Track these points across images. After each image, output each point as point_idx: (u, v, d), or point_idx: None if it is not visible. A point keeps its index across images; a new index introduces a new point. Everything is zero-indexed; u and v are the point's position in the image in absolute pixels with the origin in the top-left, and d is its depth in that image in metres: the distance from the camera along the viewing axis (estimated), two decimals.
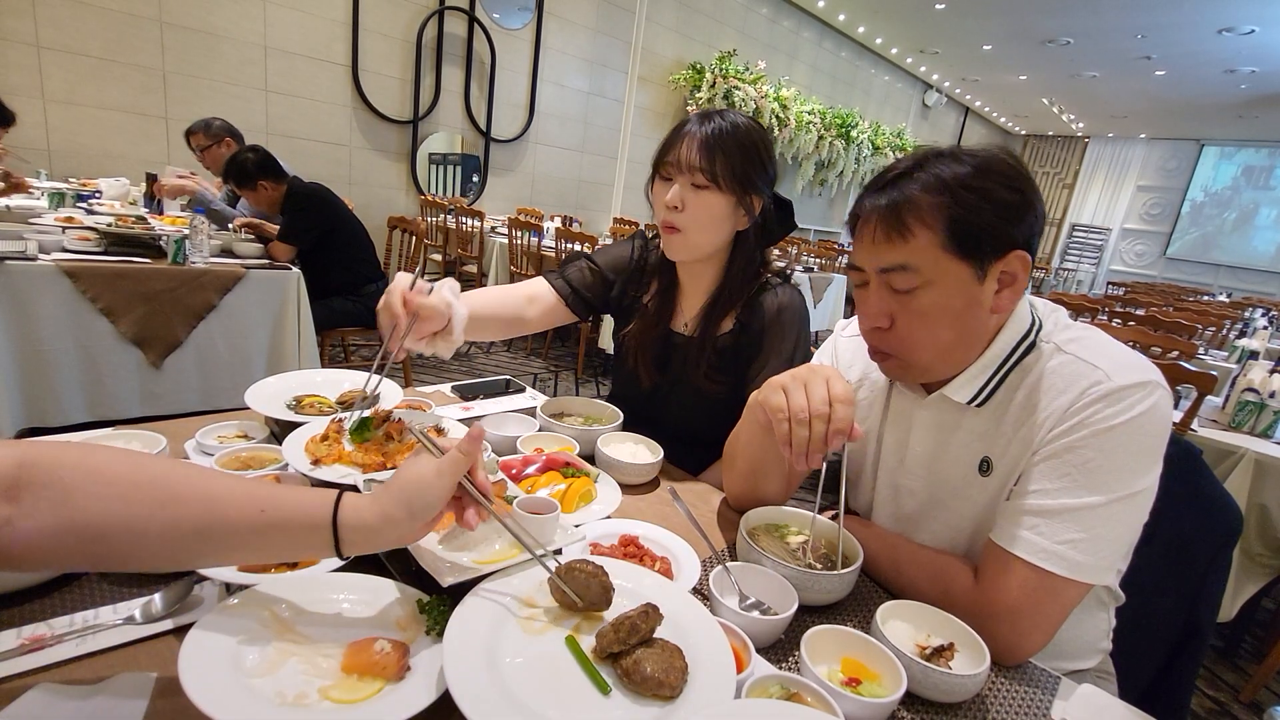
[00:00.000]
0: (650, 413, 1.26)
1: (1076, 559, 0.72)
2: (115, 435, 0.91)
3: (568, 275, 1.27)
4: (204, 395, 2.39)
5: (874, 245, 0.78)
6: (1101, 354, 0.77)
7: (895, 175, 0.78)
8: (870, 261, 0.79)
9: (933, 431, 0.88)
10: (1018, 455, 0.80)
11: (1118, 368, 0.74)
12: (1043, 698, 0.70)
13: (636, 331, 1.25)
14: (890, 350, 0.82)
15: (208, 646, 0.53)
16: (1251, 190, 12.86)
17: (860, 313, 0.84)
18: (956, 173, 0.74)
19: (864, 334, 0.86)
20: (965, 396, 0.83)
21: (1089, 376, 0.75)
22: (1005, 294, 0.77)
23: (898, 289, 0.77)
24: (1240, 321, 4.99)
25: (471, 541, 0.70)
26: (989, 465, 0.83)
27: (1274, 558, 1.89)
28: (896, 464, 0.94)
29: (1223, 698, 1.93)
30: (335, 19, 4.76)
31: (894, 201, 0.76)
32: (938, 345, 0.79)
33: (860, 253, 0.81)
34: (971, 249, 0.74)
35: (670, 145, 1.11)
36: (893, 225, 0.75)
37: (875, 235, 0.77)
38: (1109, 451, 0.72)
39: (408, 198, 5.52)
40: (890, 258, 0.76)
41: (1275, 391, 2.07)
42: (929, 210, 0.74)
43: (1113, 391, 0.73)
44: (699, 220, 1.10)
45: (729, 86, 7.34)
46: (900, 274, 0.76)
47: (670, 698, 0.55)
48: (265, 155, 2.77)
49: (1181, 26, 7.22)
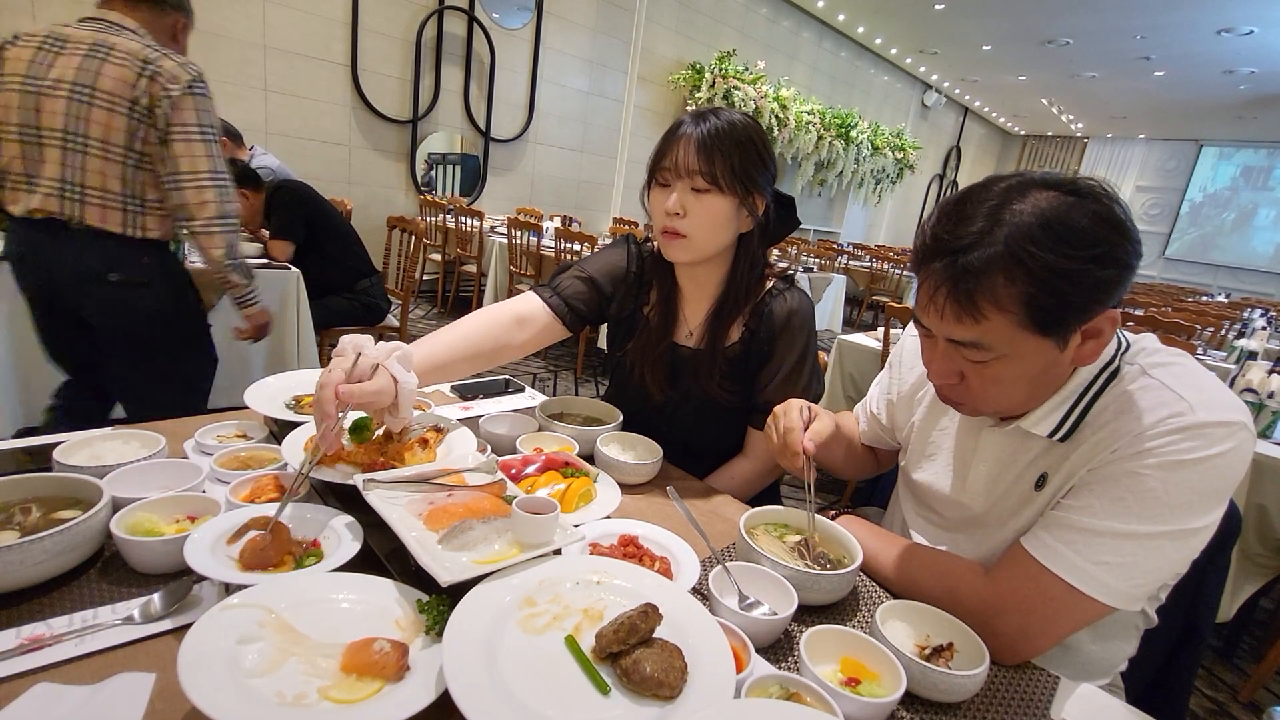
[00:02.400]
0: (659, 424, 1.21)
1: (1107, 581, 0.70)
2: (114, 435, 0.91)
3: (561, 290, 1.18)
4: None
5: (941, 318, 0.70)
6: (1191, 385, 0.71)
7: (968, 237, 0.67)
8: (937, 329, 0.73)
9: (1000, 455, 0.85)
10: (1073, 469, 0.76)
11: (1205, 402, 0.69)
12: (1042, 697, 0.70)
13: (640, 346, 1.19)
14: (961, 400, 0.79)
15: (206, 646, 0.53)
16: (1250, 191, 12.88)
17: (927, 363, 0.78)
18: (1039, 250, 0.64)
19: (930, 379, 0.81)
20: (1046, 430, 0.78)
21: (1171, 406, 0.70)
22: (1090, 346, 0.71)
23: (969, 358, 0.72)
24: (1239, 322, 4.99)
25: (471, 541, 0.70)
26: (1044, 480, 0.80)
27: (1272, 558, 1.89)
28: (957, 479, 0.91)
29: (1221, 698, 1.93)
30: (334, 18, 4.76)
31: (964, 278, 0.66)
32: (1013, 400, 0.77)
33: (927, 315, 0.72)
34: (1053, 327, 0.67)
35: (666, 149, 1.05)
36: (964, 306, 0.68)
37: (944, 310, 0.69)
38: (1173, 486, 0.68)
39: (407, 197, 5.52)
40: (960, 334, 0.70)
41: (1274, 392, 2.07)
42: (1005, 296, 0.66)
43: (1194, 425, 0.68)
44: (702, 224, 1.05)
45: (728, 86, 7.34)
46: (972, 349, 0.71)
47: (669, 698, 0.55)
48: (245, 165, 2.85)
49: (1181, 27, 7.23)
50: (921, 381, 0.99)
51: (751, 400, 1.18)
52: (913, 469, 0.99)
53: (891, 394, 1.05)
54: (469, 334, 1.06)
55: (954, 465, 0.91)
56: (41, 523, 0.69)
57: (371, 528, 0.75)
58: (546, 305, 1.15)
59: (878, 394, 1.10)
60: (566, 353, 4.71)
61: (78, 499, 0.73)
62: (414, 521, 0.70)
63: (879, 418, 1.09)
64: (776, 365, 1.14)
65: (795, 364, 1.13)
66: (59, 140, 1.53)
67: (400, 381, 0.83)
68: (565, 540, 0.73)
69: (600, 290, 1.20)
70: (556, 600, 0.66)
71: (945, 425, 0.94)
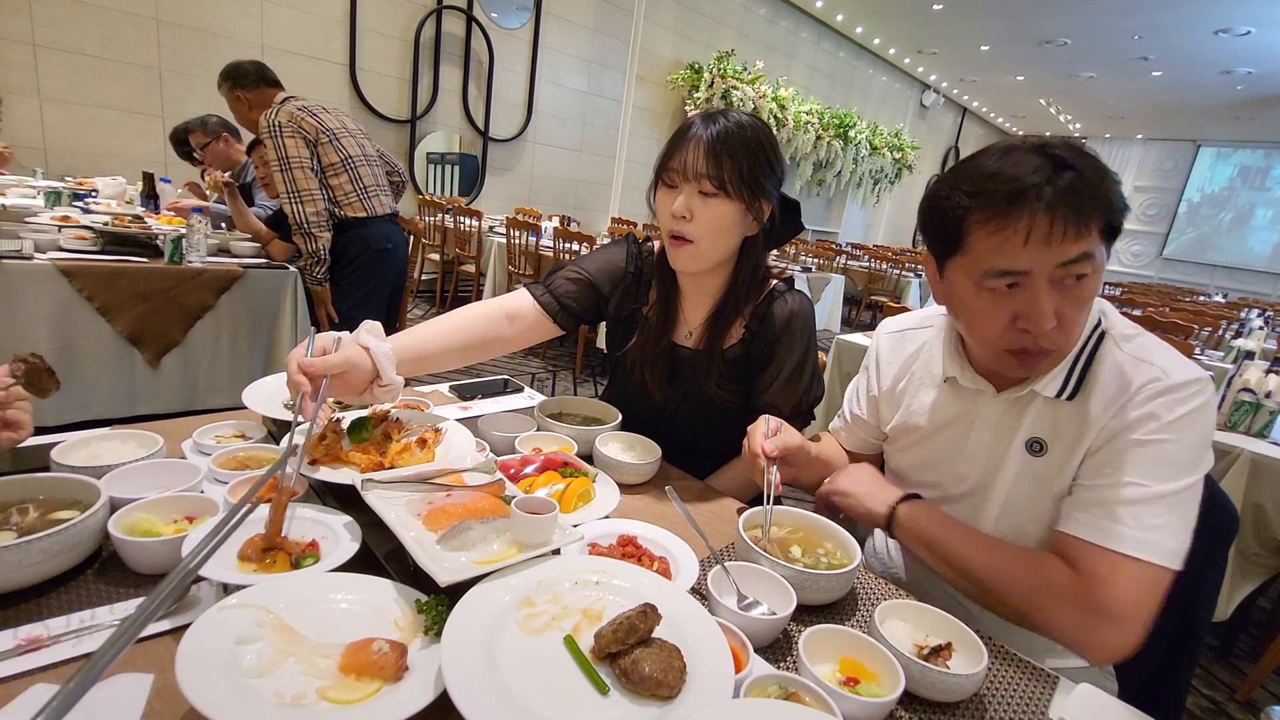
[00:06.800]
0: (658, 424, 1.21)
1: (1167, 545, 0.75)
2: (112, 435, 0.90)
3: (553, 288, 1.17)
4: (201, 395, 2.39)
5: (1062, 240, 0.72)
6: (1157, 354, 0.81)
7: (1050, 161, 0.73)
8: (1046, 259, 0.74)
9: (1000, 420, 0.90)
10: (1073, 440, 0.83)
11: (1173, 366, 0.80)
12: (1040, 697, 0.70)
13: (639, 345, 1.18)
14: (1053, 345, 0.79)
15: (205, 647, 0.53)
16: (1248, 191, 12.91)
17: (1027, 314, 0.76)
18: (1098, 164, 0.74)
19: (1016, 336, 0.79)
20: (1053, 390, 0.84)
21: (1146, 373, 0.79)
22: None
23: (1075, 272, 0.75)
24: (1236, 322, 5.00)
25: (469, 541, 0.70)
26: (1041, 446, 0.86)
27: (1270, 557, 1.90)
28: (954, 453, 0.95)
29: (1219, 697, 1.94)
30: (332, 18, 4.75)
31: (1074, 190, 0.72)
32: (1080, 331, 0.82)
33: (1026, 254, 0.74)
34: (1114, 233, 0.76)
35: (674, 150, 1.04)
36: (1081, 216, 0.72)
37: (1064, 230, 0.72)
38: (1182, 440, 0.77)
39: (406, 197, 5.50)
40: (1074, 250, 0.73)
41: (1271, 391, 2.08)
42: (1100, 198, 0.73)
43: (1173, 386, 0.78)
44: (709, 229, 1.03)
45: (727, 86, 7.35)
46: (1080, 263, 0.74)
47: (668, 697, 0.55)
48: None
49: (1178, 28, 7.24)
50: (900, 374, 1.04)
51: (752, 402, 1.18)
52: (905, 453, 1.04)
53: (874, 391, 1.09)
54: (457, 325, 1.06)
55: (951, 439, 0.96)
56: (39, 523, 0.69)
57: (370, 528, 0.75)
58: (537, 303, 1.15)
59: (857, 395, 1.14)
60: (565, 353, 4.70)
61: (75, 499, 0.73)
62: (412, 521, 0.70)
63: (861, 416, 1.12)
64: (777, 368, 1.14)
65: (796, 366, 1.14)
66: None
67: (373, 349, 0.86)
68: (564, 540, 0.73)
69: (596, 289, 1.20)
70: (555, 600, 0.66)
71: (935, 405, 0.98)
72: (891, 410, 1.05)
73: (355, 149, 2.49)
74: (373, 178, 2.55)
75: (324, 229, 2.41)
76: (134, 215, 2.68)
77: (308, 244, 2.39)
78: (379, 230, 2.57)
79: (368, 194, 2.52)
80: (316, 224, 2.38)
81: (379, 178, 2.58)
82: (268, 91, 2.46)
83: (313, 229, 2.37)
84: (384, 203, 2.60)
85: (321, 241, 2.40)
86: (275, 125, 2.31)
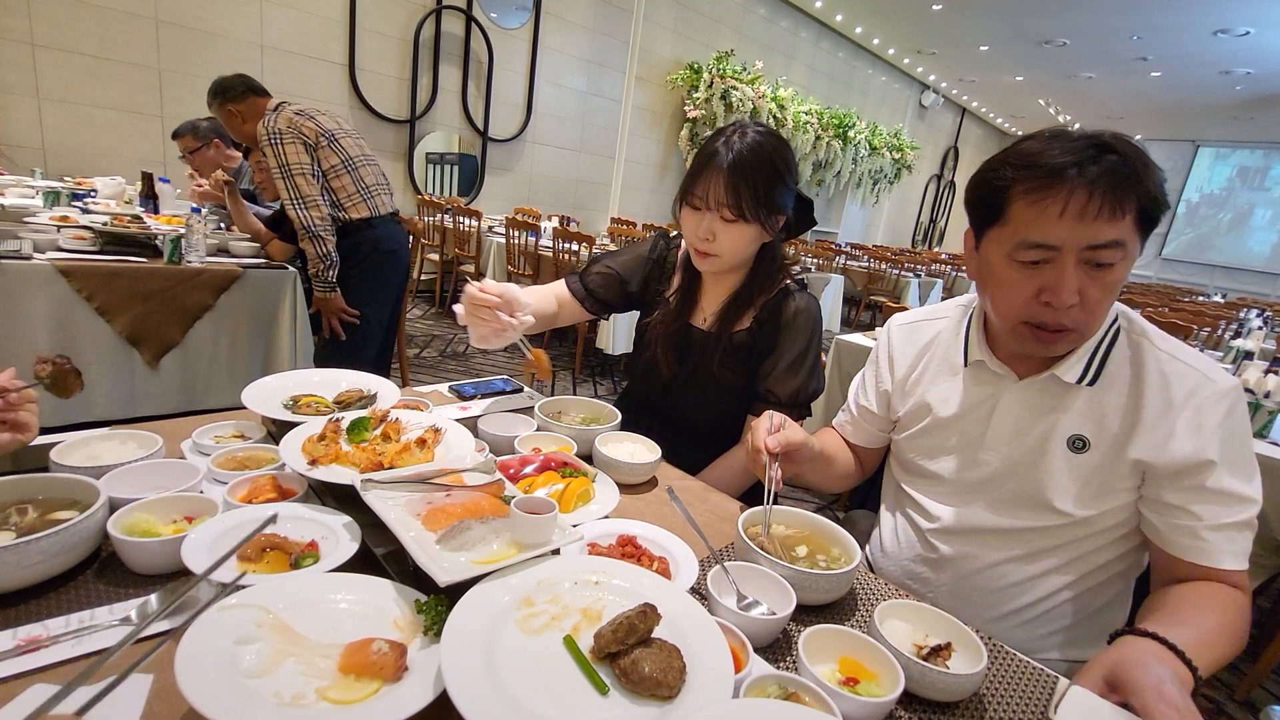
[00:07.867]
0: (665, 403, 1.34)
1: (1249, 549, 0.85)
2: (111, 435, 0.90)
3: (586, 280, 1.37)
4: (200, 395, 2.39)
5: (1082, 219, 0.74)
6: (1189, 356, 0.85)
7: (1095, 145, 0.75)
8: (1078, 236, 0.75)
9: (1023, 408, 0.92)
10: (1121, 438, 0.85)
11: (1211, 370, 0.84)
12: (1040, 697, 0.70)
13: (659, 320, 1.32)
14: (1074, 325, 0.81)
15: (204, 647, 0.53)
16: (1247, 191, 12.92)
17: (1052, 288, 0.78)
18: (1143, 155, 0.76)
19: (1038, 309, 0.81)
20: (1074, 376, 0.87)
21: (1191, 378, 0.83)
22: None
23: (1102, 260, 0.76)
24: (1235, 322, 5.00)
25: (469, 542, 0.69)
26: (1084, 443, 0.88)
27: (1269, 557, 1.90)
28: (975, 439, 0.97)
29: (1218, 696, 1.94)
30: (332, 17, 4.75)
31: (1115, 171, 0.73)
32: (1104, 314, 0.83)
33: (1060, 227, 0.76)
34: (1150, 225, 0.77)
35: (697, 176, 1.15)
36: (1118, 199, 0.73)
37: (1099, 209, 0.74)
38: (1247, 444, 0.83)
39: (405, 197, 5.51)
40: (1106, 234, 0.75)
41: (1270, 391, 2.08)
42: (1141, 183, 0.74)
43: (1226, 391, 0.82)
44: (730, 247, 1.17)
45: (726, 86, 7.34)
46: (1109, 250, 0.76)
47: (668, 698, 0.55)
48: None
49: (1177, 28, 7.25)
50: (914, 364, 1.06)
51: (753, 388, 1.27)
52: (918, 441, 1.04)
53: (885, 384, 1.10)
54: (538, 296, 1.28)
55: (970, 426, 0.97)
56: (38, 523, 0.69)
57: (369, 528, 0.74)
58: (570, 291, 1.36)
59: (864, 389, 1.15)
60: (565, 353, 4.71)
61: (74, 499, 0.73)
62: (412, 521, 0.70)
63: (869, 409, 1.13)
64: (779, 356, 1.24)
65: (796, 357, 1.23)
66: None
67: (512, 287, 1.07)
68: (563, 540, 0.73)
69: (623, 281, 1.38)
70: (555, 600, 0.66)
71: (953, 393, 0.99)
72: (904, 400, 1.07)
73: (355, 149, 2.49)
74: (374, 177, 2.56)
75: (331, 232, 2.41)
76: (133, 215, 2.68)
77: (317, 247, 2.38)
78: (386, 231, 2.61)
79: (370, 194, 2.53)
80: (323, 228, 2.37)
81: (380, 176, 2.60)
82: (258, 101, 2.43)
83: (320, 233, 2.37)
84: (386, 202, 2.61)
85: (330, 244, 2.40)
86: (275, 133, 2.30)
